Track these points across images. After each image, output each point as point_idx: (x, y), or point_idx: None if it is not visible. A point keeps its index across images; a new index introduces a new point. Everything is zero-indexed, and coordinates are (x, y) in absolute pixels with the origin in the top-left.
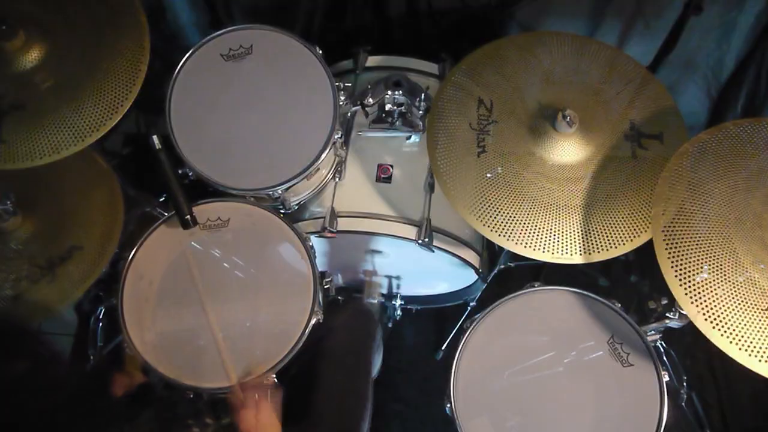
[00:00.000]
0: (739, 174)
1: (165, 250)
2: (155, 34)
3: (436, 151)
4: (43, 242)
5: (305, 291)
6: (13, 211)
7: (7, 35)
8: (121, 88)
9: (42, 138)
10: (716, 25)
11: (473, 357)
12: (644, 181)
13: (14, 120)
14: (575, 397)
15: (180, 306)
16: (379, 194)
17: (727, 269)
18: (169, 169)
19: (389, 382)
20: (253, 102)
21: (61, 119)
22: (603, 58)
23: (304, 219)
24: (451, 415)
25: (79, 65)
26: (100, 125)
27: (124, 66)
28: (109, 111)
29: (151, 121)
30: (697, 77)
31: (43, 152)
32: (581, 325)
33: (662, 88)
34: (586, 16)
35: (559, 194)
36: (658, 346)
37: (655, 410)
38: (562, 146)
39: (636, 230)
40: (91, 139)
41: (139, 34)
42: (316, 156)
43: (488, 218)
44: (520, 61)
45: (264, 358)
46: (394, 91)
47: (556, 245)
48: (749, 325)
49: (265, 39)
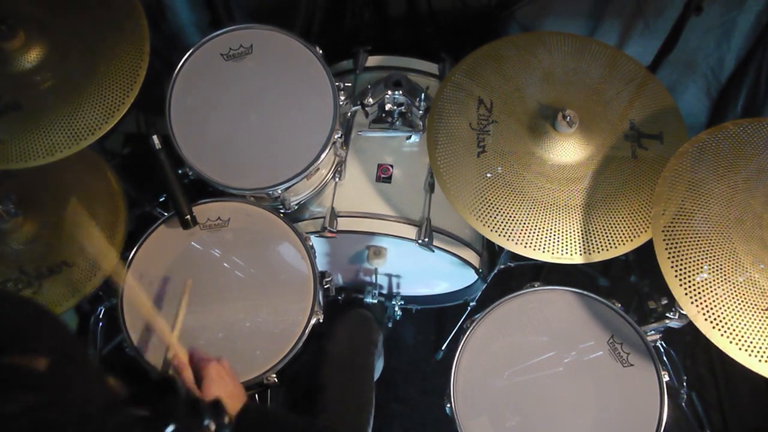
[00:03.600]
0: (739, 174)
1: (165, 250)
2: (155, 34)
3: (436, 151)
4: (42, 247)
5: (305, 291)
6: (15, 212)
7: (7, 35)
8: (121, 89)
9: (38, 139)
10: (716, 25)
11: (473, 357)
12: (644, 181)
13: (10, 120)
14: (575, 397)
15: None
16: (379, 194)
17: (727, 269)
18: (169, 169)
19: (389, 382)
20: (253, 102)
21: (59, 120)
22: (603, 58)
23: (304, 219)
24: (451, 415)
25: (78, 66)
26: (97, 128)
27: (123, 67)
28: (108, 113)
29: (151, 121)
30: (697, 77)
31: (38, 153)
32: (581, 325)
33: (662, 88)
34: (586, 16)
35: (559, 194)
36: (658, 346)
37: (655, 410)
38: (562, 146)
39: (636, 230)
40: (88, 142)
41: (139, 34)
42: (316, 156)
43: (488, 218)
44: (520, 61)
45: (264, 358)
46: (394, 91)
47: (556, 245)
48: (749, 325)
49: (265, 39)
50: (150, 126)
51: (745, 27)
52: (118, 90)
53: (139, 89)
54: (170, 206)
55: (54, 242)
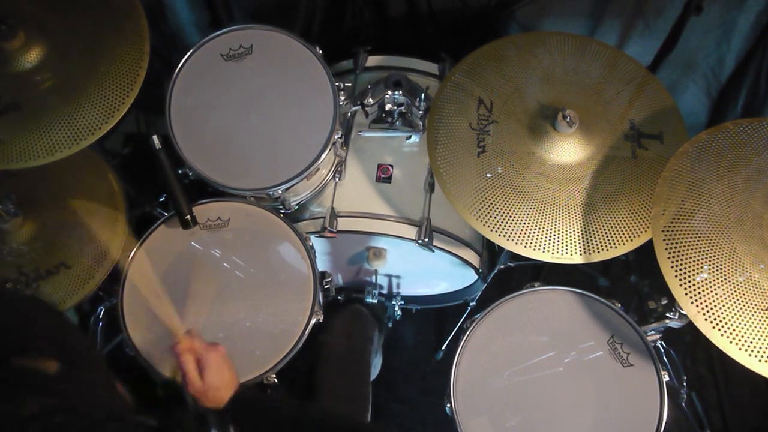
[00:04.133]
0: (739, 174)
1: (165, 250)
2: (155, 34)
3: (436, 151)
4: (41, 248)
5: (305, 291)
6: (15, 211)
7: (7, 35)
8: (121, 89)
9: (38, 139)
10: (716, 25)
11: (473, 357)
12: (644, 181)
13: (10, 120)
14: (575, 397)
15: (180, 305)
16: (379, 194)
17: (727, 269)
18: (169, 169)
19: (389, 382)
20: (253, 102)
21: (59, 120)
22: (603, 58)
23: (304, 219)
24: (451, 415)
25: (78, 66)
26: (97, 128)
27: (123, 67)
28: (108, 113)
29: (151, 121)
30: (697, 77)
31: (38, 153)
32: (581, 325)
33: (662, 88)
34: (586, 16)
35: (559, 194)
36: (658, 346)
37: (655, 410)
38: (562, 146)
39: (636, 230)
40: (88, 142)
41: (139, 34)
42: (316, 156)
43: (488, 218)
44: (520, 61)
45: (264, 358)
46: (394, 91)
47: (556, 245)
48: (749, 325)
49: (265, 39)
50: (150, 126)
51: (745, 27)
52: (118, 90)
53: (139, 89)
54: (170, 206)
55: (54, 243)
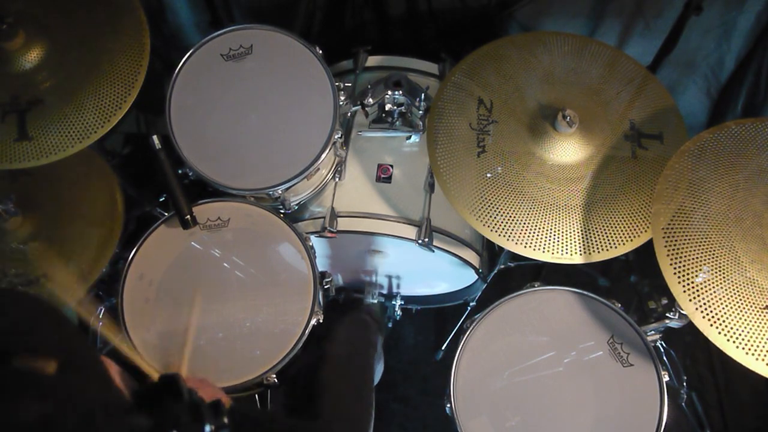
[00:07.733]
0: (740, 173)
1: (165, 250)
2: (155, 34)
3: (436, 151)
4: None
5: (305, 291)
6: (15, 211)
7: (7, 35)
8: (121, 89)
9: (37, 139)
10: (716, 25)
11: (473, 357)
12: (644, 181)
13: (12, 120)
14: (575, 397)
15: (180, 306)
16: (379, 194)
17: (727, 268)
18: (169, 169)
19: (389, 382)
20: (253, 102)
21: (59, 120)
22: (603, 58)
23: (304, 219)
24: (451, 415)
25: (78, 66)
26: (98, 127)
27: (123, 67)
28: (108, 113)
29: (151, 121)
30: (697, 77)
31: (38, 153)
32: (581, 325)
33: (662, 88)
34: (585, 16)
35: (559, 194)
36: (658, 346)
37: (655, 410)
38: (562, 146)
39: (636, 230)
40: (88, 142)
41: (140, 34)
42: (316, 156)
43: (488, 218)
44: (520, 61)
45: (264, 358)
46: (394, 91)
47: (556, 245)
48: (747, 324)
49: (265, 39)
50: (150, 126)
51: (745, 27)
52: (118, 90)
53: (139, 89)
54: (170, 206)
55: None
